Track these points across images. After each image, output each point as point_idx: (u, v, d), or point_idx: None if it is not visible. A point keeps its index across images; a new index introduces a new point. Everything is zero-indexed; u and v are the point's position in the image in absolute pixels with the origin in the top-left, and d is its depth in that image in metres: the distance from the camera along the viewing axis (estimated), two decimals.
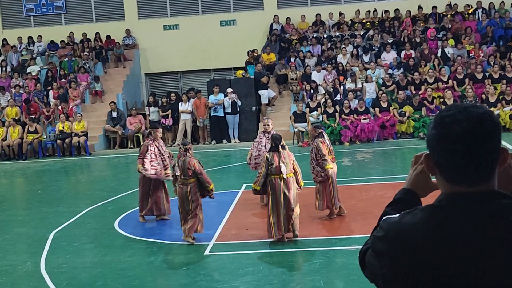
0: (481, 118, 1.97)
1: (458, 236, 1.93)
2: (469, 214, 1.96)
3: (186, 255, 9.32)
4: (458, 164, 1.98)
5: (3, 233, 11.36)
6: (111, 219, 11.66)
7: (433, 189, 2.21)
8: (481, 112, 1.98)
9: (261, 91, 22.50)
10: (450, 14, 24.95)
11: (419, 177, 2.25)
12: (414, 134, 20.18)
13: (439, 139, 2.01)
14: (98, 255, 9.63)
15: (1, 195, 15.96)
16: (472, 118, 1.96)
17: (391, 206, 2.26)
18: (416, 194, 2.26)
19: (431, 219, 1.99)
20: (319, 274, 8.10)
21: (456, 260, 1.92)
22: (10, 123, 21.71)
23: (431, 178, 2.21)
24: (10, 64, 26.07)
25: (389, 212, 2.19)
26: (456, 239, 1.93)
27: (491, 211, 1.95)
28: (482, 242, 1.92)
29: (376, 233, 2.11)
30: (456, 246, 1.93)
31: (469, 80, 21.36)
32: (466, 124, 1.95)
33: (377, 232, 2.10)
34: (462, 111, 1.98)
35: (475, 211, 1.96)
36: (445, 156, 2.01)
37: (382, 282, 2.06)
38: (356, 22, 25.53)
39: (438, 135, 2.01)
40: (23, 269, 9.10)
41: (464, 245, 1.92)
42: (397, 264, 2.00)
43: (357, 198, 12.11)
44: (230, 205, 12.14)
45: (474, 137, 1.95)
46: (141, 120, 22.37)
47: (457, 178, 2.01)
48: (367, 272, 2.16)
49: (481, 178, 1.99)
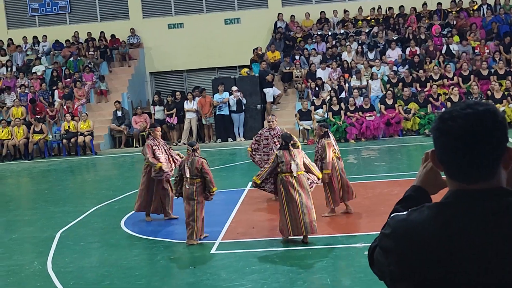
0: (481, 115, 1.95)
1: (462, 233, 1.93)
2: (472, 212, 1.95)
3: (193, 254, 9.28)
4: (458, 161, 1.98)
5: (10, 233, 11.35)
6: (117, 218, 11.61)
7: (443, 186, 2.21)
8: (482, 110, 1.96)
9: (266, 89, 22.50)
10: (455, 11, 24.88)
11: (428, 174, 2.25)
12: (419, 131, 20.17)
13: (439, 136, 2.02)
14: (105, 254, 9.59)
15: (7, 195, 15.99)
16: (471, 115, 1.95)
17: (400, 204, 2.26)
18: (426, 191, 2.26)
19: (438, 216, 1.99)
20: (326, 272, 8.06)
21: (461, 257, 1.92)
22: (16, 123, 21.76)
23: (441, 175, 2.20)
24: (16, 64, 26.12)
25: (398, 209, 2.20)
26: (460, 236, 1.93)
27: (494, 208, 1.94)
28: (484, 240, 1.91)
29: (384, 230, 2.11)
30: (460, 244, 1.93)
31: (475, 77, 21.29)
32: (464, 121, 1.94)
33: (385, 229, 2.11)
34: (463, 108, 1.97)
35: (477, 209, 1.95)
36: (445, 152, 2.02)
37: (389, 279, 2.07)
38: (359, 20, 25.45)
39: (437, 131, 2.02)
40: (30, 268, 9.07)
41: (467, 242, 1.92)
42: (404, 261, 2.00)
43: (363, 195, 11.98)
44: (236, 203, 12.09)
45: (472, 135, 1.94)
46: (146, 119, 22.36)
47: (458, 175, 2.02)
48: (375, 269, 2.16)
49: (482, 176, 1.98)
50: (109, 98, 24.29)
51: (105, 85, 24.49)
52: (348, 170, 14.74)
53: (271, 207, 11.29)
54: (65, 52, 26.17)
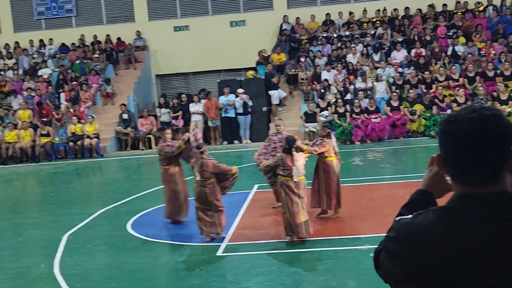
0: (487, 120, 1.97)
1: (466, 236, 1.95)
2: (476, 215, 1.97)
3: (199, 256, 9.32)
4: (461, 164, 2.00)
5: (17, 236, 11.40)
6: (124, 221, 11.61)
7: (448, 190, 2.21)
8: (487, 114, 1.98)
9: (272, 92, 22.48)
10: (461, 12, 24.79)
11: (434, 177, 2.27)
12: (425, 133, 20.12)
13: (444, 139, 2.04)
14: (111, 257, 9.64)
15: (14, 198, 16.05)
16: (476, 119, 1.97)
17: (405, 207, 2.28)
18: (431, 195, 2.28)
19: (442, 220, 2.00)
20: (331, 274, 8.08)
21: (464, 260, 1.93)
22: (23, 126, 21.81)
23: (447, 178, 2.22)
24: (22, 67, 26.17)
25: (403, 213, 2.22)
26: (464, 239, 1.95)
27: (498, 212, 1.96)
28: (488, 243, 1.92)
29: (389, 234, 2.14)
30: (464, 247, 1.94)
31: (480, 78, 21.18)
32: (469, 125, 1.97)
33: (390, 233, 2.13)
34: (469, 112, 2.00)
35: (482, 212, 1.96)
36: (450, 155, 2.04)
37: (394, 282, 2.08)
38: (364, 22, 25.39)
39: (443, 134, 2.04)
40: (37, 271, 9.09)
41: (471, 245, 1.94)
42: (408, 264, 2.02)
43: (368, 197, 12.03)
44: (242, 206, 12.10)
45: (477, 138, 1.96)
46: (152, 121, 22.40)
47: (463, 178, 2.03)
48: (380, 272, 2.18)
49: (486, 179, 2.00)
50: (115, 101, 24.32)
51: (111, 87, 24.52)
52: (354, 172, 14.96)
53: (277, 209, 11.29)
54: (71, 55, 26.21)
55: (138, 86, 25.59)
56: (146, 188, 14.74)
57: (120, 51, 26.45)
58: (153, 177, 16.65)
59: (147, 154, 20.88)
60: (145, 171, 18.97)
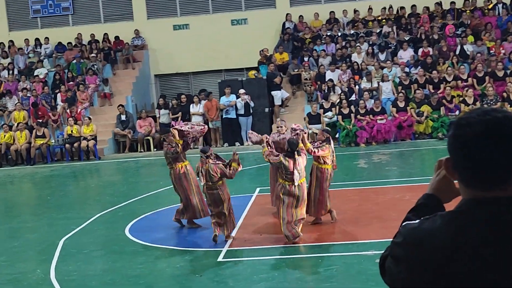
0: (499, 122, 1.96)
1: (474, 242, 1.94)
2: (484, 220, 1.96)
3: (199, 262, 9.28)
4: (472, 167, 1.99)
5: (12, 240, 11.35)
6: (122, 225, 11.56)
7: (456, 194, 2.21)
8: (499, 117, 1.97)
9: (274, 92, 22.34)
10: (469, 10, 24.59)
11: (441, 182, 2.26)
12: (432, 135, 19.90)
13: (454, 141, 2.03)
14: (109, 262, 9.55)
15: (9, 201, 16.05)
16: (488, 122, 1.96)
17: (412, 212, 2.28)
18: (439, 200, 2.28)
19: (449, 225, 2.00)
20: (336, 280, 8.00)
21: (472, 266, 1.92)
22: (19, 127, 21.61)
23: (455, 183, 2.21)
24: (17, 67, 26.02)
25: (410, 218, 2.22)
26: (472, 245, 1.94)
27: (507, 217, 1.94)
28: (496, 249, 1.92)
29: (395, 239, 2.14)
30: (472, 252, 1.93)
31: (490, 78, 20.95)
32: (480, 127, 1.96)
33: (396, 238, 2.13)
34: (480, 114, 1.99)
35: (490, 217, 1.96)
36: (460, 158, 2.02)
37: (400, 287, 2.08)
38: (369, 20, 25.19)
39: (453, 137, 2.03)
40: (33, 276, 9.07)
41: (479, 251, 1.93)
42: (414, 270, 2.02)
43: (373, 201, 11.96)
44: (243, 209, 11.99)
45: (490, 141, 1.95)
46: (151, 123, 22.26)
47: (472, 182, 2.02)
48: (386, 279, 2.16)
49: (497, 183, 1.98)
50: (113, 102, 24.18)
51: (109, 88, 24.43)
52: (359, 175, 15.26)
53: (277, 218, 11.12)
54: (67, 54, 26.01)
55: (137, 86, 25.41)
56: (145, 192, 14.75)
57: (118, 51, 26.28)
58: (151, 180, 16.57)
59: (145, 157, 21.05)
60: (143, 173, 18.99)
